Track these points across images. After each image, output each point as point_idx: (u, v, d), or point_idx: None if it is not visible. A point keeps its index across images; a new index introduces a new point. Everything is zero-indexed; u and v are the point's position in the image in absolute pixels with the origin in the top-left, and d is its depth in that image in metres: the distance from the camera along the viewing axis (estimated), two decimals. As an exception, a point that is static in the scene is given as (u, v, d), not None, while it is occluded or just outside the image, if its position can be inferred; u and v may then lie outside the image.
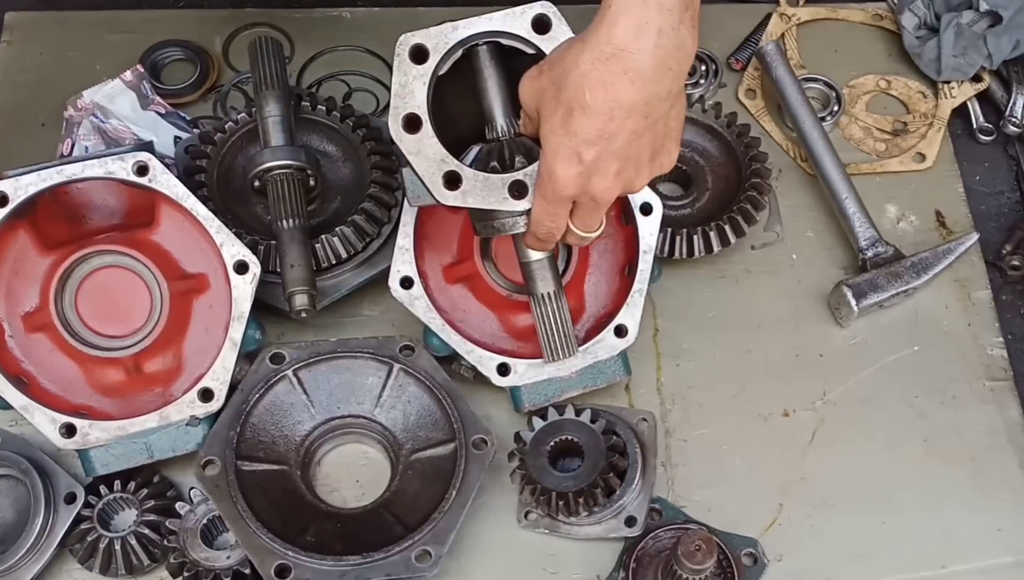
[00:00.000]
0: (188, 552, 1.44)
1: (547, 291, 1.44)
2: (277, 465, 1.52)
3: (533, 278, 1.44)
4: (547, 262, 1.43)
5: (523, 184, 1.32)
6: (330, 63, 1.91)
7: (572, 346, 1.48)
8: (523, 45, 1.33)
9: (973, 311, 1.72)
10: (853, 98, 1.93)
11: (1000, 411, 1.64)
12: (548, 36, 1.32)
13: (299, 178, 1.59)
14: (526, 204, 1.32)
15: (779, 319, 1.71)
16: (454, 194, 1.32)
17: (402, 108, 1.31)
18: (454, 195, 1.32)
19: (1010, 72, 1.92)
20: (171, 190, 1.48)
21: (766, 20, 1.99)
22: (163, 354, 1.52)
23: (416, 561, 1.41)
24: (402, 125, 1.31)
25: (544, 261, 1.43)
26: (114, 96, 1.79)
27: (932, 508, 1.56)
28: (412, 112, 1.31)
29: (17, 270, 1.50)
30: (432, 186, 1.32)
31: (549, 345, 1.48)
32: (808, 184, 1.84)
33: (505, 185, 1.32)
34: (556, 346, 1.47)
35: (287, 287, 1.52)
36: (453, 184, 1.32)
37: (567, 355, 1.49)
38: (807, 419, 1.63)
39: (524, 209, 1.33)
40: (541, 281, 1.43)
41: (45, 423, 1.45)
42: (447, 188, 1.32)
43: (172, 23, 1.97)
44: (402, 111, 1.31)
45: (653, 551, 1.48)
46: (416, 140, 1.31)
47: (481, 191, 1.32)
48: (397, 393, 1.56)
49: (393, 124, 1.31)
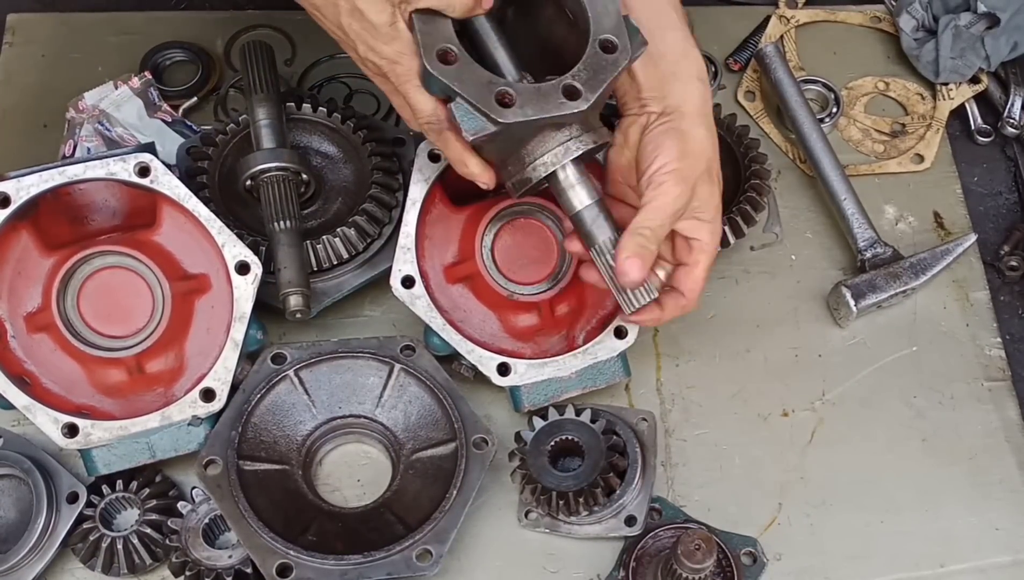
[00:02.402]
0: (190, 551, 1.44)
1: (607, 237, 1.37)
2: (279, 465, 1.52)
3: (588, 229, 1.37)
4: (597, 206, 1.36)
5: (574, 86, 1.28)
6: (332, 65, 1.92)
7: (649, 288, 1.38)
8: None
9: (971, 312, 1.73)
10: (852, 100, 1.93)
11: (998, 411, 1.64)
12: None
13: (291, 180, 1.59)
14: (583, 104, 1.28)
15: (778, 319, 1.72)
16: (512, 110, 1.27)
17: (432, 44, 1.27)
18: (512, 111, 1.27)
19: (1008, 74, 1.93)
20: (173, 191, 1.49)
21: (765, 22, 2.00)
22: (165, 354, 1.52)
23: (417, 560, 1.41)
24: (437, 58, 1.27)
25: (594, 205, 1.36)
26: (120, 103, 1.79)
27: (931, 507, 1.57)
28: (445, 46, 1.27)
29: (19, 271, 1.50)
30: (488, 108, 1.27)
31: (626, 295, 1.38)
32: (807, 185, 1.84)
33: (559, 89, 1.28)
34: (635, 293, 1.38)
35: (281, 289, 1.53)
36: (507, 102, 1.28)
37: (649, 298, 1.39)
38: (806, 419, 1.64)
39: (582, 109, 1.28)
40: (598, 229, 1.37)
41: (47, 423, 1.46)
42: (502, 106, 1.27)
43: (174, 25, 1.97)
44: (434, 46, 1.27)
45: (653, 550, 1.48)
46: (457, 70, 1.27)
47: (537, 101, 1.28)
48: (398, 393, 1.56)
49: (428, 59, 1.27)
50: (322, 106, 1.71)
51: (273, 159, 1.59)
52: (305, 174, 1.62)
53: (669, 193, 1.35)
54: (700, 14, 2.00)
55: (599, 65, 1.30)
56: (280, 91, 1.68)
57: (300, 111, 1.71)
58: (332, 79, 1.91)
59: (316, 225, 1.67)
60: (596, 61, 1.30)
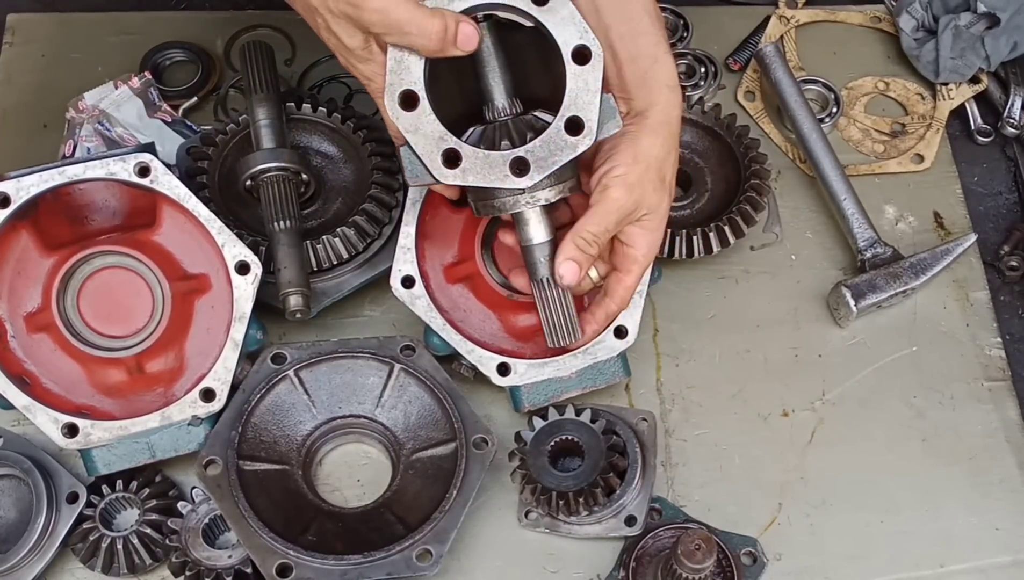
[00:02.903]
0: (190, 551, 1.44)
1: (547, 275, 1.39)
2: (278, 465, 1.52)
3: (535, 262, 1.39)
4: (548, 246, 1.38)
5: (525, 161, 1.28)
6: (332, 65, 1.92)
7: (575, 332, 1.43)
8: (522, 18, 1.29)
9: (971, 311, 1.73)
10: (852, 100, 1.93)
11: (998, 411, 1.64)
12: (547, 8, 1.28)
13: (291, 180, 1.59)
14: (527, 182, 1.28)
15: (778, 319, 1.72)
16: (453, 173, 1.28)
17: (398, 85, 1.27)
18: (453, 173, 1.28)
19: (1008, 73, 1.93)
20: (172, 191, 1.49)
21: (765, 22, 2.00)
22: (165, 354, 1.52)
23: (417, 560, 1.41)
24: (398, 102, 1.27)
25: (546, 244, 1.38)
26: (120, 103, 1.79)
27: (930, 507, 1.57)
28: (408, 89, 1.27)
29: (19, 271, 1.50)
30: (431, 165, 1.28)
31: (552, 331, 1.43)
32: (807, 185, 1.84)
33: (506, 162, 1.28)
34: (559, 332, 1.42)
35: (281, 289, 1.53)
36: (453, 162, 1.28)
37: (572, 341, 1.44)
38: (806, 419, 1.64)
39: (525, 187, 1.29)
40: (542, 265, 1.39)
41: (47, 423, 1.46)
42: (446, 166, 1.28)
43: (173, 25, 1.97)
44: (398, 88, 1.27)
45: (653, 550, 1.48)
46: (413, 117, 1.27)
47: (482, 169, 1.28)
48: (398, 393, 1.56)
49: (389, 101, 1.27)
50: (322, 106, 1.71)
51: (273, 159, 1.59)
52: (305, 174, 1.62)
53: (615, 199, 1.35)
54: (700, 14, 2.00)
55: (557, 145, 1.29)
56: (280, 91, 1.69)
57: (300, 111, 1.71)
58: (332, 79, 1.91)
59: (316, 225, 1.67)
60: (555, 140, 1.29)
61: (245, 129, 1.68)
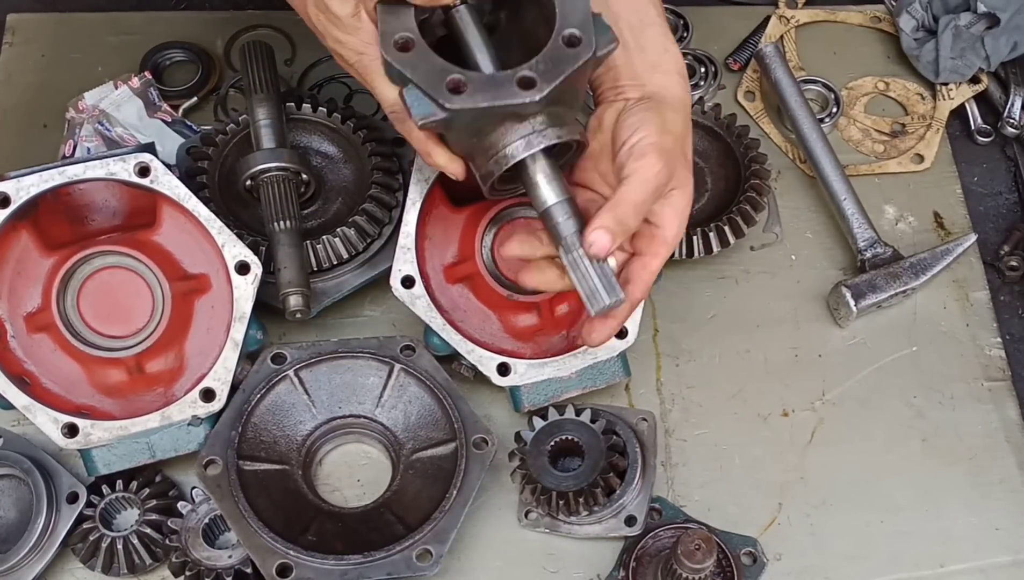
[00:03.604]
0: (190, 551, 1.44)
1: (573, 231, 1.30)
2: (278, 465, 1.52)
3: (555, 224, 1.30)
4: (567, 204, 1.29)
5: (530, 77, 1.23)
6: (332, 65, 1.91)
7: (616, 288, 1.29)
8: None
9: (971, 311, 1.73)
10: (852, 100, 1.93)
11: (998, 411, 1.64)
12: None
13: (291, 180, 1.60)
14: (536, 94, 1.23)
15: (778, 319, 1.72)
16: (462, 97, 1.23)
17: (391, 33, 1.25)
18: (462, 98, 1.23)
19: (1008, 74, 1.93)
20: (172, 191, 1.49)
21: (765, 22, 2.00)
22: (165, 354, 1.52)
23: (417, 560, 1.41)
24: (396, 47, 1.24)
25: (564, 202, 1.30)
26: (120, 103, 1.79)
27: (931, 507, 1.57)
28: (403, 35, 1.24)
29: (19, 271, 1.50)
30: (438, 94, 1.23)
31: (592, 295, 1.29)
32: (807, 185, 1.84)
33: (513, 81, 1.24)
34: (600, 292, 1.28)
35: (281, 289, 1.53)
36: (459, 89, 1.24)
37: (613, 300, 1.29)
38: (806, 419, 1.64)
39: (536, 99, 1.23)
40: (564, 225, 1.30)
41: (47, 423, 1.46)
42: (453, 93, 1.23)
43: (173, 25, 1.97)
44: (392, 35, 1.24)
45: (653, 550, 1.48)
46: (413, 56, 1.24)
47: (489, 89, 1.23)
48: (398, 393, 1.56)
49: (385, 46, 1.24)
50: (322, 106, 1.71)
51: (273, 159, 1.59)
52: (305, 174, 1.62)
53: (651, 165, 1.28)
54: (700, 14, 2.00)
55: (559, 58, 1.25)
56: (280, 91, 1.68)
57: (300, 111, 1.71)
58: (332, 79, 1.91)
59: (316, 225, 1.67)
60: (557, 54, 1.25)
61: (245, 129, 1.68)
